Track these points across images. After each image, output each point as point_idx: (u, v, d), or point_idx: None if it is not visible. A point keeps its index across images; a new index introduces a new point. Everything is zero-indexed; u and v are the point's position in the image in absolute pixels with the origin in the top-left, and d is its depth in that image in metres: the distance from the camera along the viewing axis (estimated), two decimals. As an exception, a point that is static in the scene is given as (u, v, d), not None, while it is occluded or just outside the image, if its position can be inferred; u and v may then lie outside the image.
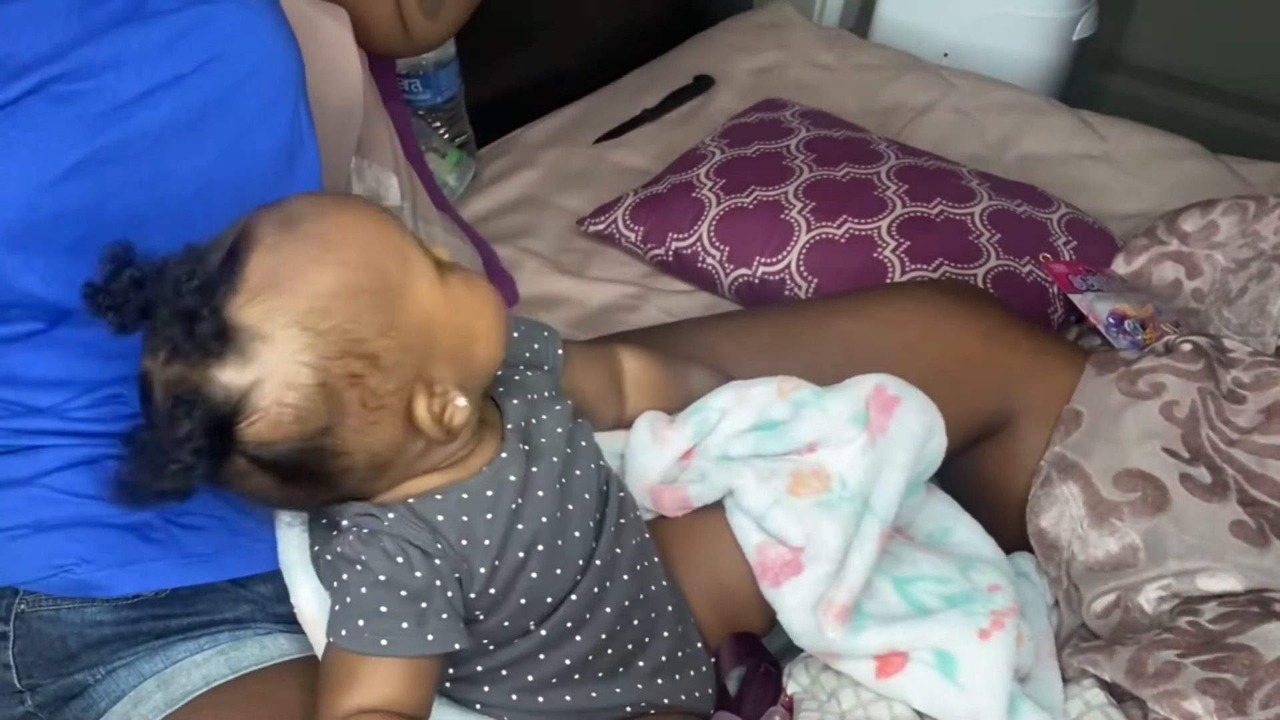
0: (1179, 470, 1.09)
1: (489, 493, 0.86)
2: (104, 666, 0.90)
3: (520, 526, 0.86)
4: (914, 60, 2.00)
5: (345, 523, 0.84)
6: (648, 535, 0.96)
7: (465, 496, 0.86)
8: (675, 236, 1.55)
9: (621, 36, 2.04)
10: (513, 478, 0.87)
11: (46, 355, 0.87)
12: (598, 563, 0.90)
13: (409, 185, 1.36)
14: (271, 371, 0.77)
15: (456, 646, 0.82)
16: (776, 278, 1.49)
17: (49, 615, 0.90)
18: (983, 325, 1.15)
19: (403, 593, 0.81)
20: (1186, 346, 1.17)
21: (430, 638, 0.81)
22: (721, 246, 1.52)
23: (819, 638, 0.93)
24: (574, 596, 0.89)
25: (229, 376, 0.76)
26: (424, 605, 0.81)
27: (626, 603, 0.92)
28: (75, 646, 0.90)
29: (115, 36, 0.86)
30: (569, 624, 0.89)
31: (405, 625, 0.81)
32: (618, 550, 0.92)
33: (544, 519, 0.88)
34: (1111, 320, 1.35)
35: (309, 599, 0.88)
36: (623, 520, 0.94)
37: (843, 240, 1.49)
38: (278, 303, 0.77)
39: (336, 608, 0.82)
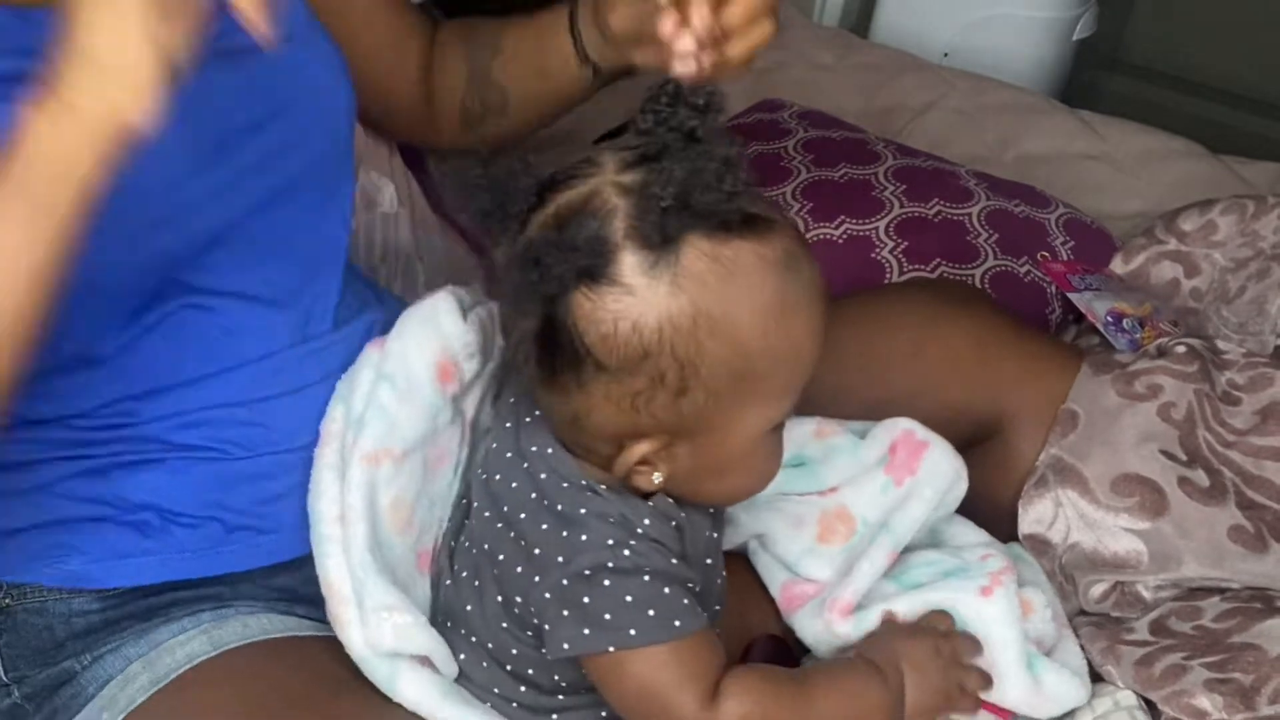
0: (1177, 473, 1.08)
1: (700, 517, 0.87)
2: (90, 653, 0.90)
3: (709, 561, 0.88)
4: (914, 60, 1.99)
5: (595, 530, 0.83)
6: (724, 573, 0.96)
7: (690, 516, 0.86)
8: (673, 236, 1.55)
9: (621, 36, 2.03)
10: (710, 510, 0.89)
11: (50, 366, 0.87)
12: (717, 608, 0.91)
13: (406, 191, 1.36)
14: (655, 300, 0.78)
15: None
16: (774, 278, 1.49)
17: (34, 606, 0.90)
18: (976, 326, 1.14)
19: (673, 578, 0.82)
20: (1180, 349, 1.17)
21: (702, 612, 0.83)
22: (719, 246, 1.52)
23: (830, 636, 0.96)
24: None
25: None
26: (690, 585, 0.83)
27: None
28: (62, 635, 0.90)
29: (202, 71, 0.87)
30: None
31: (686, 602, 0.82)
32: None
33: (716, 558, 0.90)
34: (1110, 319, 1.35)
35: (338, 569, 0.87)
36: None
37: (840, 240, 1.49)
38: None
39: (607, 616, 0.80)
